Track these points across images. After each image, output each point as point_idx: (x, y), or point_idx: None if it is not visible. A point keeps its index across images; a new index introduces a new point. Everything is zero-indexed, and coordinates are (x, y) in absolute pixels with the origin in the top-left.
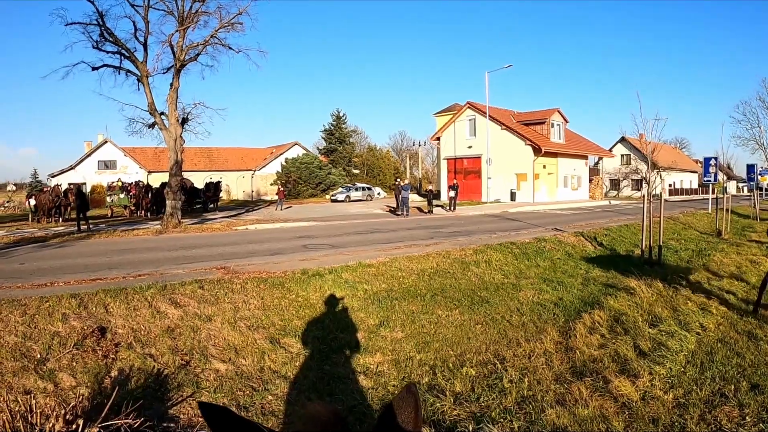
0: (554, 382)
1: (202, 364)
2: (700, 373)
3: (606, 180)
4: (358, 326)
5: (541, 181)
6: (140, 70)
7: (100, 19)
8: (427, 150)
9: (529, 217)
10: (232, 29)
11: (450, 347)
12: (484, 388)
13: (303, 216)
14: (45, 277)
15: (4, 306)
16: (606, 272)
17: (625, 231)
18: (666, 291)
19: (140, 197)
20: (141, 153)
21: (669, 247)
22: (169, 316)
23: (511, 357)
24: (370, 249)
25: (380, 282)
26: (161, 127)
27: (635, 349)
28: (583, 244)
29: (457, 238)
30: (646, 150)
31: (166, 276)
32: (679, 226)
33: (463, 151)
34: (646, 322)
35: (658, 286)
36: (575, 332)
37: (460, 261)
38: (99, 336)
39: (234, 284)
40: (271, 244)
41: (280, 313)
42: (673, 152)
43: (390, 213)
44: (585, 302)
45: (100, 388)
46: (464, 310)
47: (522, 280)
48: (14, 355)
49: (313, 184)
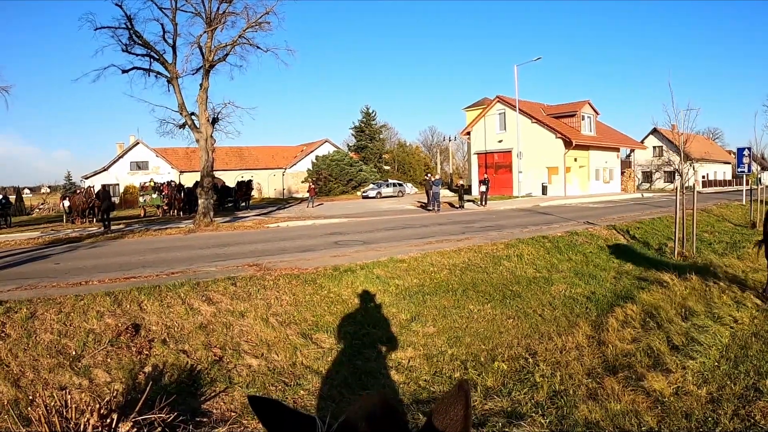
0: (586, 377)
1: (234, 359)
2: (733, 367)
3: (638, 172)
4: (389, 321)
5: (572, 174)
6: (170, 71)
7: (129, 22)
8: (457, 145)
9: (560, 211)
10: (259, 29)
11: (481, 342)
12: (515, 382)
13: (334, 213)
14: (80, 277)
15: (40, 305)
16: (638, 265)
17: (658, 224)
18: (699, 284)
19: (173, 197)
20: (172, 153)
21: (702, 239)
22: (202, 313)
23: (542, 351)
24: (401, 245)
25: (412, 277)
26: (192, 128)
27: (668, 343)
28: (615, 237)
29: (489, 232)
30: (678, 141)
31: (199, 273)
32: (712, 219)
33: (493, 146)
34: (679, 316)
35: (691, 279)
36: (607, 326)
37: (492, 255)
38: (133, 333)
39: (266, 281)
40: (302, 241)
41: (312, 309)
42: (706, 143)
43: (421, 208)
44: (617, 296)
45: (134, 383)
46: (496, 304)
47: (554, 273)
48: (50, 352)
49: (344, 181)
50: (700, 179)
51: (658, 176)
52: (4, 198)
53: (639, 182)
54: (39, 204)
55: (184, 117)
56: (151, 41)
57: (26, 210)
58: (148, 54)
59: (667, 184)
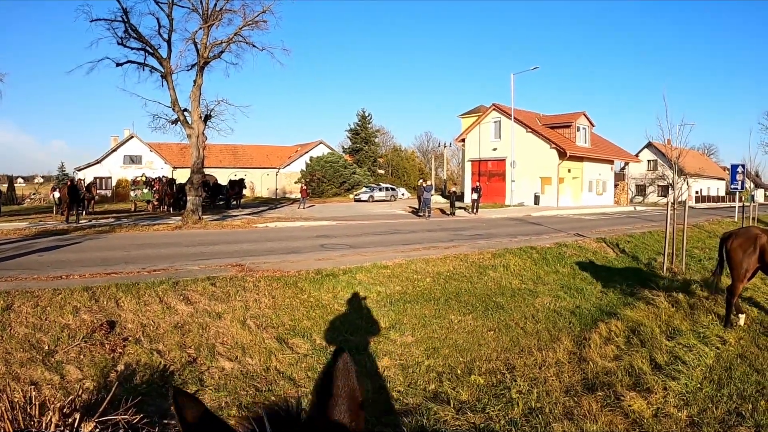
0: (564, 395)
1: (208, 361)
2: (716, 389)
3: (632, 185)
4: (368, 329)
5: (565, 185)
6: (164, 66)
7: (125, 15)
8: (452, 151)
9: (552, 222)
10: (256, 27)
11: (460, 354)
12: (490, 397)
13: (325, 215)
14: (61, 270)
15: (18, 297)
16: (626, 280)
17: (649, 238)
18: (686, 302)
19: (163, 192)
20: (166, 148)
21: (693, 255)
22: (179, 313)
23: (521, 366)
24: (388, 250)
25: (394, 284)
26: (184, 124)
27: (651, 362)
28: (604, 250)
29: (477, 241)
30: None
31: (180, 272)
32: (703, 234)
33: (487, 153)
34: (664, 334)
35: (678, 297)
36: (590, 342)
37: (478, 265)
38: (108, 330)
39: (247, 282)
40: (289, 243)
41: (291, 313)
42: (701, 158)
43: (412, 214)
44: (602, 311)
45: (105, 381)
46: (478, 315)
47: (540, 286)
48: (23, 346)
49: (337, 183)
50: (694, 194)
51: (652, 190)
52: None
53: (632, 195)
54: (30, 194)
55: (176, 113)
56: (146, 35)
57: (17, 199)
58: (143, 48)
59: (661, 198)
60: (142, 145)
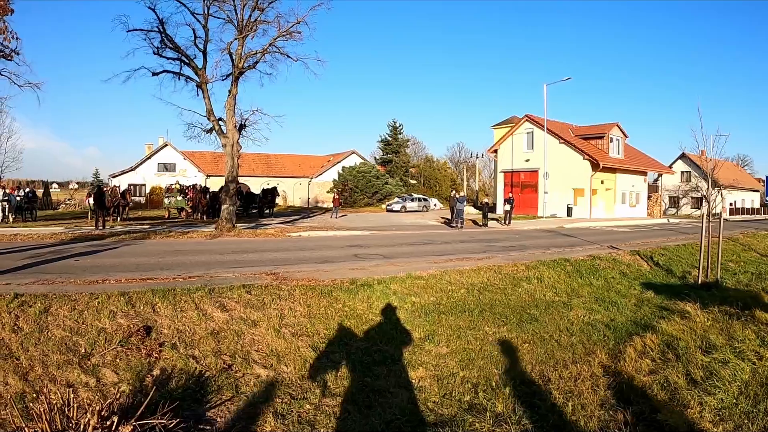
0: (599, 408)
1: (243, 368)
2: (753, 405)
3: (665, 197)
4: (402, 339)
5: (598, 196)
6: (199, 76)
7: (161, 26)
8: (484, 162)
9: (584, 234)
10: (290, 38)
11: (495, 365)
12: (526, 410)
13: (357, 225)
14: (97, 275)
15: (55, 300)
16: (661, 294)
17: (683, 251)
18: (722, 316)
19: (197, 200)
20: (200, 157)
21: (727, 269)
22: (214, 319)
23: (556, 379)
24: (421, 261)
25: (429, 295)
26: (219, 133)
27: (686, 376)
28: (638, 263)
29: (510, 252)
30: (707, 167)
31: (216, 279)
32: (738, 248)
33: (520, 165)
34: (700, 349)
35: (714, 311)
36: (625, 356)
37: (512, 276)
38: (144, 335)
39: (282, 290)
40: (322, 252)
41: (326, 322)
42: (735, 170)
43: (444, 225)
44: (637, 324)
45: (141, 386)
46: (512, 327)
47: (574, 298)
48: (60, 348)
49: (369, 193)
50: (728, 206)
51: (685, 202)
52: (30, 192)
53: (665, 207)
54: (65, 199)
55: (211, 122)
56: (182, 45)
57: (52, 205)
58: (178, 58)
59: (694, 210)
60: (176, 153)
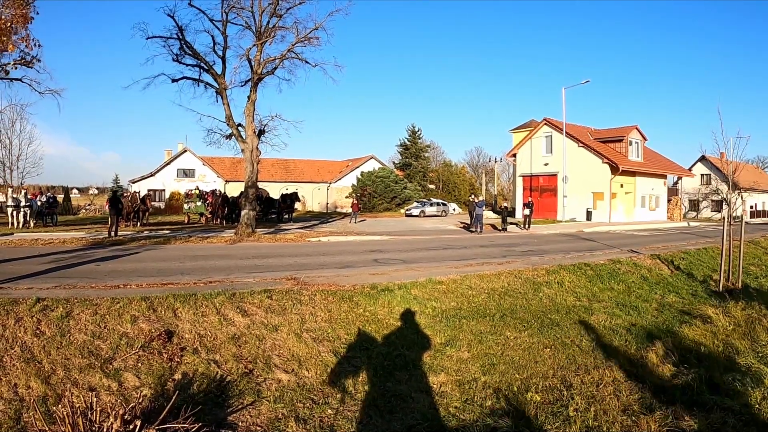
0: (621, 413)
1: (264, 373)
2: None
3: (685, 200)
4: (423, 344)
5: (618, 200)
6: (218, 82)
7: (180, 33)
8: (503, 166)
9: (604, 238)
10: (308, 44)
11: (516, 370)
12: (548, 415)
13: (376, 230)
14: (118, 279)
15: (77, 305)
16: (682, 298)
17: (704, 254)
18: (744, 320)
19: (216, 205)
20: (219, 162)
21: (749, 272)
22: (235, 324)
23: (578, 384)
24: (441, 265)
25: (449, 300)
26: (238, 139)
27: (708, 381)
28: (659, 267)
29: (530, 257)
30: (727, 170)
31: (236, 284)
32: (759, 251)
33: (539, 168)
34: (722, 354)
35: (736, 315)
36: (647, 361)
37: (532, 281)
38: (165, 339)
39: (302, 295)
40: (342, 257)
41: (347, 327)
42: (755, 172)
43: (464, 229)
44: (659, 329)
45: (163, 390)
46: (533, 332)
47: (594, 303)
48: (82, 352)
49: (388, 197)
50: (748, 209)
51: (705, 205)
52: (51, 197)
53: (685, 211)
54: (86, 204)
55: (230, 128)
56: (201, 52)
57: (73, 210)
58: (197, 64)
59: (714, 214)
60: (195, 159)
